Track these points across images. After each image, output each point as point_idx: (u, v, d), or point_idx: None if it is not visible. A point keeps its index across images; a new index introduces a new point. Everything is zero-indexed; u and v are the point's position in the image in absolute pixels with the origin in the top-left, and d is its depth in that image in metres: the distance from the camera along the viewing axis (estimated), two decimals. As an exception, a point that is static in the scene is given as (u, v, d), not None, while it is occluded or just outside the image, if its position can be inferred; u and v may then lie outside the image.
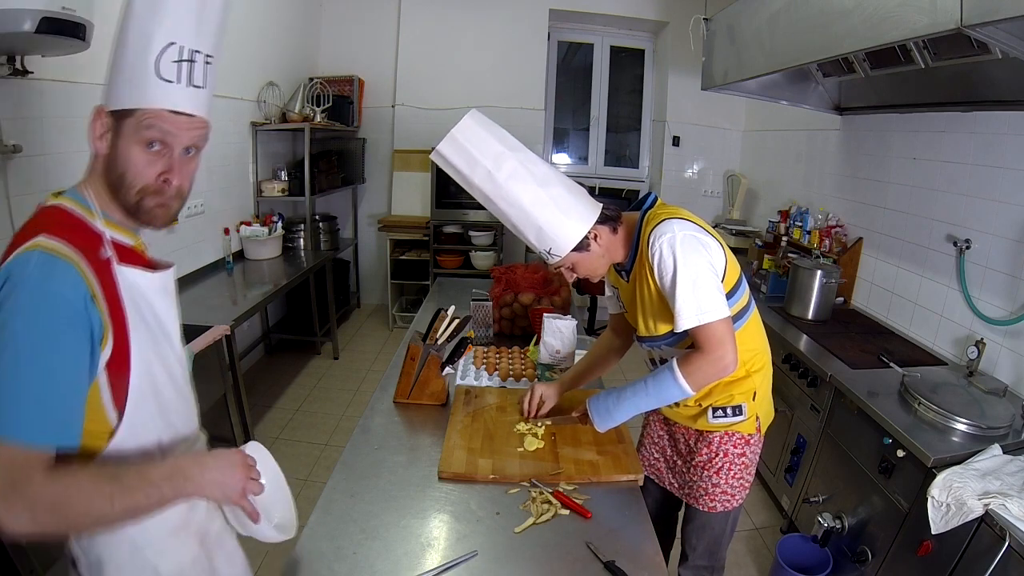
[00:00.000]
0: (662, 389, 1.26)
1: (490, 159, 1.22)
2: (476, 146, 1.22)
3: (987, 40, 1.38)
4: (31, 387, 0.70)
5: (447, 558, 1.06)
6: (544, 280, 2.38)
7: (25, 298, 0.72)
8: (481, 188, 1.25)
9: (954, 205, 2.26)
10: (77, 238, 0.80)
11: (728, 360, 1.20)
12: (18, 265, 0.74)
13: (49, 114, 1.85)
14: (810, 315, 2.61)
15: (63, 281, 0.74)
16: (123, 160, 0.82)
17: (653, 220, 1.25)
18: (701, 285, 1.18)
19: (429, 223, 4.22)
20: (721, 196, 4.63)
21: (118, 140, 0.82)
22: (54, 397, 0.72)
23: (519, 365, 1.90)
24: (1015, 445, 1.60)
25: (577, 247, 1.27)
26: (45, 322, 0.72)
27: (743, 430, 1.38)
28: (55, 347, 0.72)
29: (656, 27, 4.62)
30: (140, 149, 0.82)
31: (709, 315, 1.17)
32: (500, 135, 1.26)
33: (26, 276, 0.73)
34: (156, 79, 0.81)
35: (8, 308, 0.71)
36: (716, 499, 1.42)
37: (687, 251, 1.18)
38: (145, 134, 0.82)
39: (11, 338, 0.70)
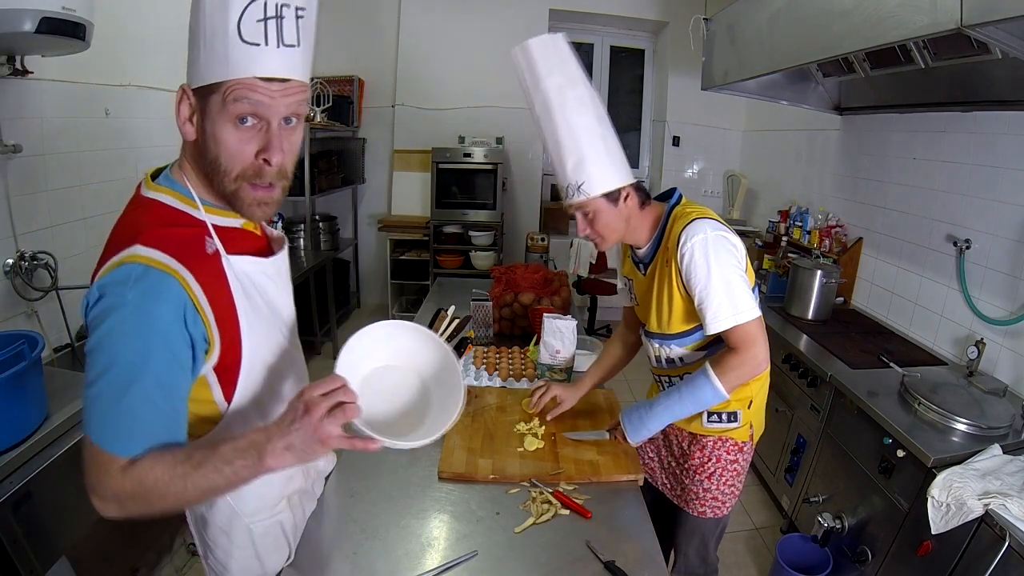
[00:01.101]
0: (697, 392, 1.24)
1: (567, 76, 1.24)
2: (562, 58, 1.24)
3: (987, 40, 1.37)
4: (118, 405, 0.71)
5: (447, 558, 1.07)
6: (544, 280, 2.38)
7: (122, 319, 0.70)
8: (546, 94, 1.23)
9: (954, 205, 2.26)
10: (178, 239, 0.75)
11: (761, 358, 1.20)
12: (115, 282, 0.71)
13: (49, 114, 1.85)
14: (810, 315, 2.61)
15: (161, 299, 0.72)
16: (214, 143, 0.74)
17: (683, 218, 1.24)
18: (735, 286, 1.18)
19: (429, 223, 4.22)
20: (721, 196, 4.63)
21: (206, 121, 0.75)
22: (139, 418, 0.72)
23: (519, 365, 1.90)
24: (1015, 445, 1.60)
25: (608, 196, 1.25)
26: (140, 344, 0.71)
27: (736, 437, 1.38)
28: (147, 367, 0.71)
29: (656, 27, 4.61)
30: (232, 127, 0.74)
31: (744, 315, 1.18)
32: (578, 66, 1.28)
33: (123, 296, 0.70)
34: (240, 43, 0.71)
35: (105, 328, 0.70)
36: (707, 504, 1.42)
37: (719, 252, 1.18)
38: (234, 109, 0.72)
39: (108, 357, 0.70)
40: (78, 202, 2.02)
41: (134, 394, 0.71)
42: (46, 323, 1.88)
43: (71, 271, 1.97)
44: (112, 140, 2.16)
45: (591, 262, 3.94)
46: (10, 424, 1.32)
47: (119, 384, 0.71)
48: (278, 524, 0.99)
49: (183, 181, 0.80)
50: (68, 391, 1.55)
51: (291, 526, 1.03)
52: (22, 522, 1.28)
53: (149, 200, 0.79)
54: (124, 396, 0.71)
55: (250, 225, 0.88)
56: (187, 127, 0.77)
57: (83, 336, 2.01)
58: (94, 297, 0.72)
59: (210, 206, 0.81)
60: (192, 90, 0.75)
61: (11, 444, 1.32)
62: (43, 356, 1.59)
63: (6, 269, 1.71)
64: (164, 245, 0.73)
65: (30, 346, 1.36)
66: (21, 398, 1.34)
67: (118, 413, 0.71)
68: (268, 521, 0.96)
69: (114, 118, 2.15)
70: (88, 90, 2.01)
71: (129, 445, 0.72)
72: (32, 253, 1.77)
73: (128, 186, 2.37)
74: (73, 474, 1.44)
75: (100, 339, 0.70)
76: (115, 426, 0.72)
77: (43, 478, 1.34)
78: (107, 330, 0.70)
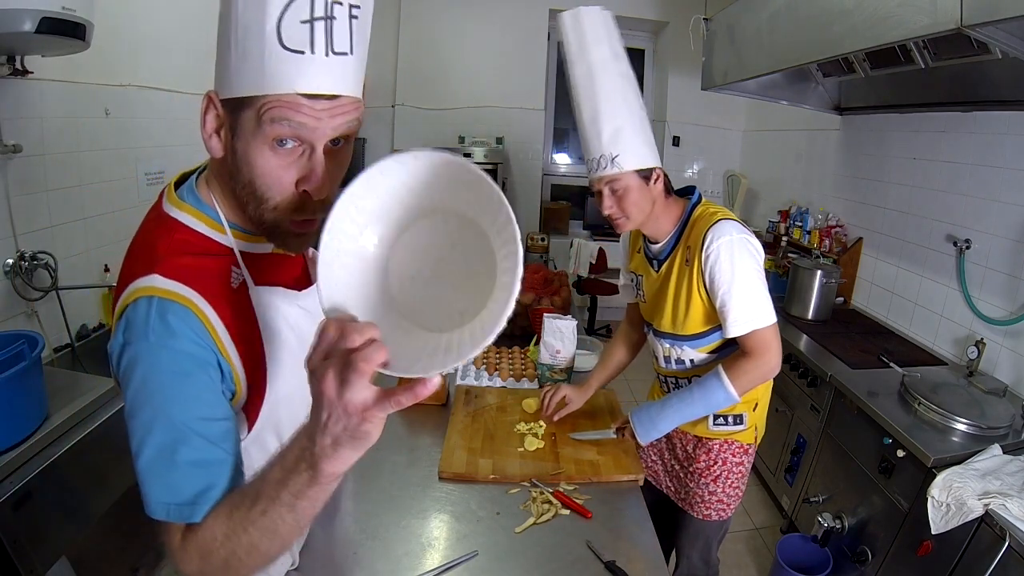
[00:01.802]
0: (709, 395, 1.24)
1: (615, 51, 1.24)
2: (611, 34, 1.24)
3: (987, 40, 1.37)
4: (174, 469, 0.62)
5: (447, 558, 1.07)
6: (544, 280, 2.38)
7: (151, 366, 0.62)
8: (592, 63, 1.22)
9: (954, 205, 2.26)
10: (201, 270, 0.66)
11: (774, 364, 1.21)
12: (135, 322, 0.63)
13: (49, 114, 1.84)
14: (810, 315, 2.61)
15: (183, 334, 0.63)
16: (247, 166, 0.62)
17: (706, 219, 1.24)
18: (757, 291, 1.19)
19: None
20: (721, 196, 4.62)
21: (237, 139, 0.62)
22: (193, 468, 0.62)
23: (519, 365, 1.90)
24: (1015, 445, 1.60)
25: (640, 173, 1.23)
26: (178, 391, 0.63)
27: (742, 439, 1.38)
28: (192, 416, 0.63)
29: (656, 27, 4.61)
30: (268, 150, 0.61)
31: (762, 320, 1.18)
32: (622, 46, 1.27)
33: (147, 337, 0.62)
34: (280, 50, 0.57)
35: (137, 382, 0.62)
36: (711, 507, 1.42)
37: (744, 256, 1.18)
38: (271, 131, 0.59)
39: (148, 416, 0.62)
40: (78, 202, 2.01)
41: (185, 451, 0.62)
42: (46, 323, 1.88)
43: (71, 271, 1.97)
44: (112, 140, 2.16)
45: (591, 262, 3.94)
46: (10, 424, 1.32)
47: (167, 445, 0.62)
48: None
49: (210, 200, 0.69)
50: (68, 391, 1.55)
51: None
52: (22, 522, 1.28)
53: (172, 220, 0.69)
54: (176, 456, 0.62)
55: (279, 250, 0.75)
56: (213, 142, 0.64)
57: (83, 336, 2.01)
58: (119, 346, 0.63)
59: (238, 230, 0.70)
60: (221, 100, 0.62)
61: (11, 444, 1.32)
62: (43, 356, 1.59)
63: (6, 269, 1.71)
64: (185, 277, 0.64)
65: (30, 346, 1.35)
66: (21, 398, 1.34)
67: (177, 477, 0.61)
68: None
69: (114, 118, 2.15)
70: (88, 90, 2.01)
71: (194, 510, 0.61)
72: (32, 253, 1.77)
73: (128, 186, 2.37)
74: (73, 474, 1.44)
75: (135, 395, 0.63)
76: (178, 492, 0.61)
77: (43, 478, 1.33)
78: (140, 383, 0.62)
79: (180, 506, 0.61)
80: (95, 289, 2.08)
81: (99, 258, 2.13)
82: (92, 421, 1.51)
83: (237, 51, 0.58)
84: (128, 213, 2.28)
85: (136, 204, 2.33)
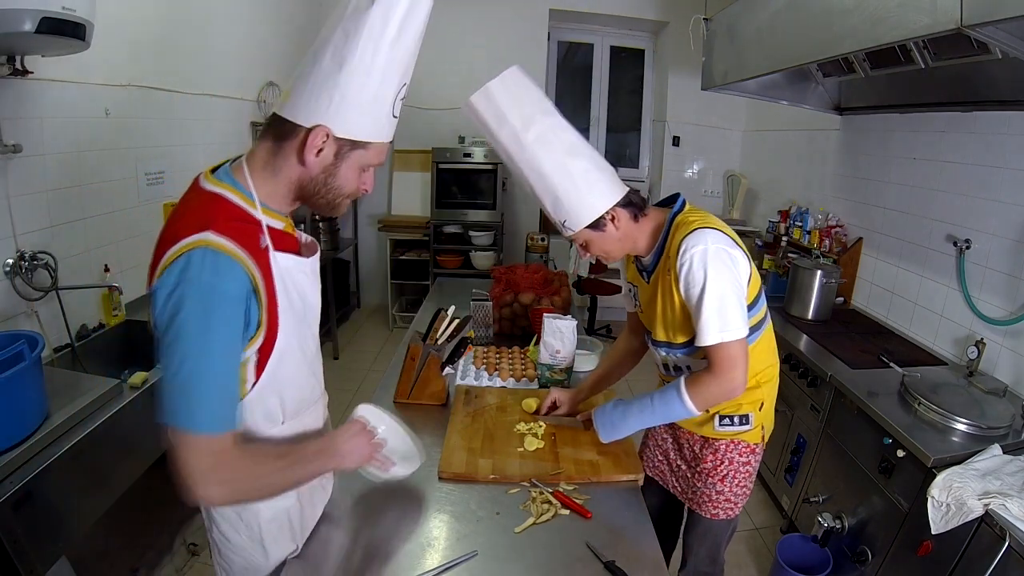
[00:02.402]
0: (668, 408, 1.25)
1: (519, 119, 1.20)
2: (508, 104, 1.20)
3: (987, 40, 1.37)
4: (208, 387, 0.80)
5: (447, 558, 1.07)
6: (544, 280, 2.38)
7: (198, 299, 0.78)
8: (506, 146, 1.22)
9: (954, 205, 2.26)
10: (241, 231, 0.84)
11: (738, 383, 1.19)
12: (190, 266, 0.78)
13: (49, 114, 1.84)
14: (810, 315, 2.61)
15: (231, 278, 0.81)
16: (342, 179, 0.91)
17: (685, 226, 1.22)
18: (727, 303, 1.16)
19: (429, 223, 4.22)
20: (721, 196, 4.63)
21: (339, 163, 0.89)
22: (226, 397, 0.83)
23: (519, 365, 1.90)
24: (1015, 445, 1.60)
25: (592, 225, 1.24)
26: (214, 322, 0.79)
27: (749, 439, 1.38)
28: (226, 347, 0.82)
29: (656, 27, 4.61)
30: (357, 172, 0.92)
31: (730, 334, 1.16)
32: (535, 96, 1.23)
33: (200, 278, 0.78)
34: (391, 118, 0.92)
35: (185, 313, 0.77)
36: (719, 506, 1.42)
37: (718, 266, 1.16)
38: (368, 162, 0.92)
39: (191, 342, 0.78)
40: (78, 202, 2.01)
41: (219, 375, 0.81)
42: (46, 323, 1.88)
43: (71, 271, 1.97)
44: (112, 140, 2.16)
45: (591, 262, 3.94)
46: (10, 424, 1.32)
47: (204, 367, 0.79)
48: (285, 512, 1.03)
49: (245, 183, 0.88)
50: (68, 391, 1.55)
51: (298, 518, 1.06)
52: (22, 522, 1.28)
53: (212, 193, 0.86)
54: (212, 378, 0.80)
55: (289, 228, 0.98)
56: (315, 160, 0.87)
57: (83, 336, 2.01)
58: (171, 285, 0.78)
59: (266, 208, 0.90)
60: (335, 137, 0.87)
61: (11, 444, 1.32)
62: (43, 356, 1.60)
63: (6, 269, 1.71)
64: (232, 234, 0.82)
65: (30, 346, 1.35)
66: (21, 398, 1.34)
67: (209, 395, 0.79)
68: (276, 507, 1.01)
69: (114, 118, 2.15)
70: (88, 90, 2.01)
71: (224, 423, 0.81)
72: (32, 253, 1.77)
73: (128, 186, 2.38)
74: (73, 474, 1.44)
75: (181, 326, 0.77)
76: (209, 408, 0.80)
77: (43, 478, 1.33)
78: (187, 317, 0.77)
79: (213, 420, 0.80)
80: (95, 289, 2.08)
81: (99, 258, 2.13)
82: (92, 421, 1.51)
83: (360, 108, 0.86)
84: (128, 213, 2.29)
85: (136, 204, 2.33)
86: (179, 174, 2.62)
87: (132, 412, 1.64)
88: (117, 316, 2.17)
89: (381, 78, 0.86)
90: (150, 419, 1.73)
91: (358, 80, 0.84)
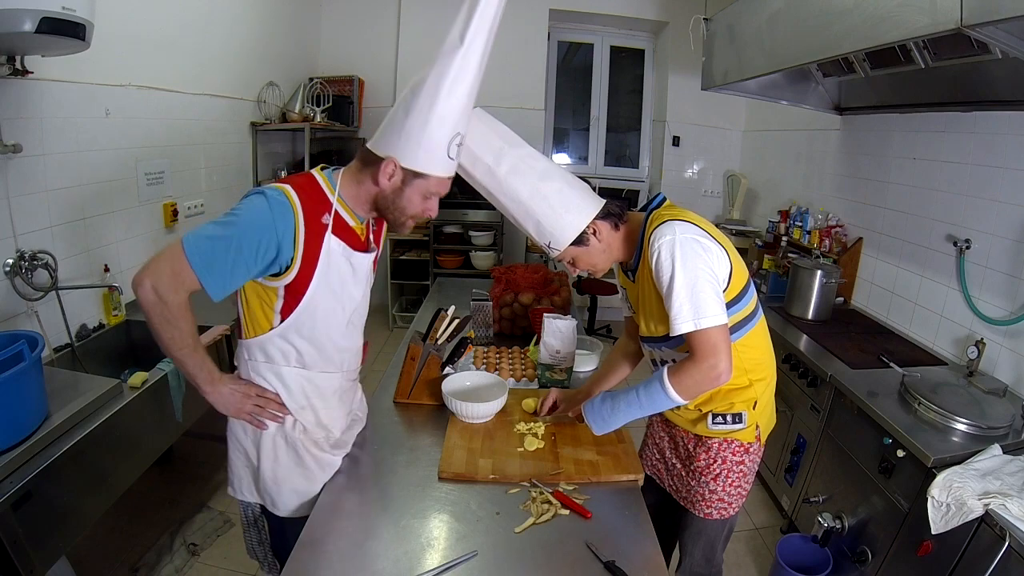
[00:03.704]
0: (652, 398, 1.25)
1: (490, 155, 1.27)
2: (477, 143, 1.26)
3: (987, 40, 1.37)
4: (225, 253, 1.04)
5: (447, 558, 1.06)
6: (544, 280, 2.38)
7: (258, 207, 1.07)
8: (482, 183, 1.29)
9: (954, 205, 2.26)
10: (311, 199, 1.13)
11: (721, 369, 1.17)
12: (269, 189, 1.10)
13: (49, 114, 1.84)
14: (810, 315, 2.61)
15: (281, 215, 1.08)
16: (407, 201, 1.16)
17: (656, 221, 1.24)
18: (699, 290, 1.15)
19: (429, 223, 4.22)
20: (721, 196, 4.63)
21: (405, 188, 1.14)
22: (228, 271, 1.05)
23: (519, 365, 1.90)
24: (1015, 445, 1.60)
25: (576, 241, 1.29)
26: (257, 230, 1.06)
27: (742, 438, 1.38)
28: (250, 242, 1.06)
29: (656, 27, 4.61)
30: (420, 198, 1.17)
31: (706, 321, 1.15)
32: (501, 131, 1.29)
33: (266, 195, 1.09)
34: (447, 158, 1.13)
35: (247, 204, 1.09)
36: (713, 506, 1.42)
37: (687, 254, 1.16)
38: (429, 190, 1.16)
39: (239, 220, 1.07)
40: (78, 202, 2.01)
41: (236, 253, 1.04)
42: (46, 323, 1.88)
43: (71, 271, 1.97)
44: (112, 140, 2.16)
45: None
46: (10, 424, 1.32)
47: (232, 240, 1.04)
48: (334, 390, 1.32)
49: (336, 179, 1.18)
50: (68, 391, 1.55)
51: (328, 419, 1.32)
52: (22, 522, 1.28)
53: (310, 175, 1.18)
54: (231, 250, 1.04)
55: (359, 229, 1.22)
56: (387, 183, 1.14)
57: (83, 336, 2.01)
58: (255, 190, 1.11)
59: (347, 205, 1.18)
60: (402, 167, 1.12)
61: (11, 444, 1.32)
62: (43, 356, 1.60)
63: (6, 269, 1.71)
64: (301, 195, 1.12)
65: (30, 346, 1.35)
66: (21, 398, 1.34)
67: (222, 258, 1.04)
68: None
69: (114, 118, 2.15)
70: (88, 90, 2.01)
71: (200, 267, 1.03)
72: (32, 253, 1.77)
73: (128, 186, 2.38)
74: (73, 474, 1.44)
75: (242, 206, 1.09)
76: (204, 254, 1.03)
77: (43, 478, 1.33)
78: (247, 206, 1.08)
79: (201, 261, 1.03)
80: (95, 289, 2.08)
81: (99, 258, 2.13)
82: (92, 421, 1.51)
83: (424, 147, 1.11)
84: (128, 213, 2.29)
85: (136, 204, 2.33)
86: (179, 174, 2.62)
87: (132, 412, 1.64)
88: (117, 316, 2.17)
89: (438, 124, 1.09)
90: (150, 419, 1.74)
91: (418, 125, 1.09)
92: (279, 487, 1.28)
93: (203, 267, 1.03)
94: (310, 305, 1.16)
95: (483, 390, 1.62)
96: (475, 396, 1.57)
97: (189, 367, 1.14)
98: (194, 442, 2.54)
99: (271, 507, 1.32)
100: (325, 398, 1.28)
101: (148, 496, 2.29)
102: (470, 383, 1.65)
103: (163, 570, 2.00)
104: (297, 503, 1.30)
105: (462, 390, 1.61)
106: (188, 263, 1.02)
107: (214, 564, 2.04)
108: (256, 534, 1.43)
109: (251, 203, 1.08)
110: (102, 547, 2.02)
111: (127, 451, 1.66)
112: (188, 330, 1.10)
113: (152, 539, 2.11)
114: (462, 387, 1.63)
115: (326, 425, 1.30)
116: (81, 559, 1.74)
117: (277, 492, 1.29)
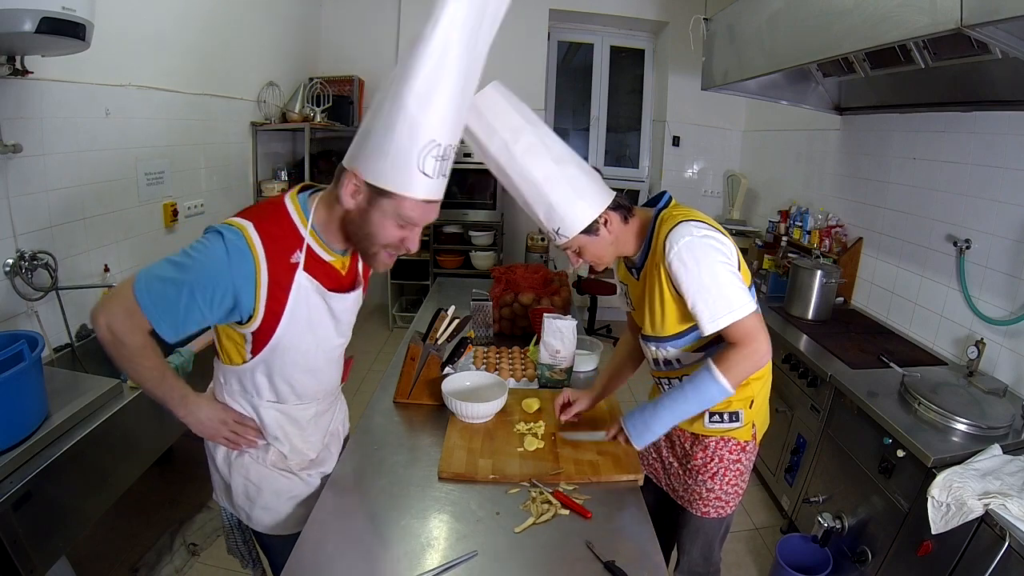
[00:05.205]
0: (702, 390, 1.22)
1: (508, 131, 1.22)
2: (496, 116, 1.22)
3: (987, 40, 1.37)
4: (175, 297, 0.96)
5: (447, 558, 1.06)
6: (544, 280, 2.38)
7: (210, 249, 0.96)
8: (496, 158, 1.24)
9: (954, 205, 2.26)
10: (278, 238, 1.01)
11: (763, 351, 1.19)
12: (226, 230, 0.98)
13: (49, 114, 1.84)
14: (810, 315, 2.61)
15: (239, 263, 0.97)
16: (375, 226, 1.00)
17: (669, 221, 1.23)
18: (726, 283, 1.17)
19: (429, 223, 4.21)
20: (721, 196, 4.63)
21: (372, 209, 0.98)
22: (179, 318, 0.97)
23: (519, 365, 1.90)
24: (1015, 445, 1.60)
25: (586, 230, 1.25)
26: (210, 273, 0.96)
27: (739, 436, 1.38)
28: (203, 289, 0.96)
29: (656, 27, 4.61)
30: (395, 224, 1.00)
31: (740, 311, 1.16)
32: (521, 108, 1.25)
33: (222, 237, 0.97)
34: (418, 173, 0.94)
35: (200, 244, 0.98)
36: (710, 504, 1.42)
37: (707, 252, 1.17)
38: (401, 216, 0.99)
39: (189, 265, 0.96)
40: (78, 202, 2.01)
41: (188, 298, 0.96)
42: (46, 323, 1.88)
43: (71, 271, 1.97)
44: (112, 140, 2.16)
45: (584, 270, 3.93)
46: (10, 424, 1.32)
47: (183, 286, 0.95)
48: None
49: (310, 207, 1.04)
50: (68, 391, 1.55)
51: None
52: (22, 522, 1.28)
53: (281, 204, 1.05)
54: (182, 294, 0.95)
55: (338, 264, 1.10)
56: (350, 200, 0.98)
57: (83, 336, 2.01)
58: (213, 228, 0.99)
59: (320, 239, 1.05)
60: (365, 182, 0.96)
61: (11, 444, 1.32)
62: (43, 356, 1.59)
63: (6, 269, 1.71)
64: (265, 236, 0.99)
65: (30, 346, 1.35)
66: (21, 398, 1.34)
67: (174, 300, 0.96)
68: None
69: (114, 118, 2.15)
70: (88, 90, 2.01)
71: (151, 310, 0.96)
72: (32, 253, 1.77)
73: (128, 186, 2.38)
74: (73, 474, 1.44)
75: (197, 248, 0.97)
76: (154, 295, 0.96)
77: (43, 478, 1.33)
78: (202, 249, 0.97)
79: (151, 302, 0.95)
80: (95, 289, 2.08)
81: (99, 258, 2.13)
82: (92, 421, 1.51)
83: (390, 158, 0.93)
84: (128, 213, 2.29)
85: (136, 204, 2.33)
86: (179, 174, 2.62)
87: (132, 412, 1.64)
88: (117, 316, 2.17)
89: (406, 130, 0.91)
90: (150, 419, 1.74)
91: (382, 128, 0.92)
92: (252, 504, 1.26)
93: (153, 309, 0.96)
94: (278, 348, 1.08)
95: (483, 390, 1.61)
96: (475, 396, 1.57)
97: (159, 395, 1.10)
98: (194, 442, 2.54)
99: (246, 521, 1.30)
100: (301, 427, 1.25)
101: (148, 496, 2.29)
102: (470, 383, 1.64)
103: (163, 570, 2.00)
104: (271, 521, 1.27)
105: (462, 390, 1.61)
106: (135, 299, 0.95)
107: (214, 564, 2.04)
108: (240, 535, 1.40)
109: (207, 247, 0.97)
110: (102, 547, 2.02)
111: (127, 451, 1.66)
112: (151, 364, 1.05)
113: (152, 539, 2.11)
114: (462, 387, 1.62)
115: (301, 451, 1.27)
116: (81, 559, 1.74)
117: (250, 508, 1.26)
